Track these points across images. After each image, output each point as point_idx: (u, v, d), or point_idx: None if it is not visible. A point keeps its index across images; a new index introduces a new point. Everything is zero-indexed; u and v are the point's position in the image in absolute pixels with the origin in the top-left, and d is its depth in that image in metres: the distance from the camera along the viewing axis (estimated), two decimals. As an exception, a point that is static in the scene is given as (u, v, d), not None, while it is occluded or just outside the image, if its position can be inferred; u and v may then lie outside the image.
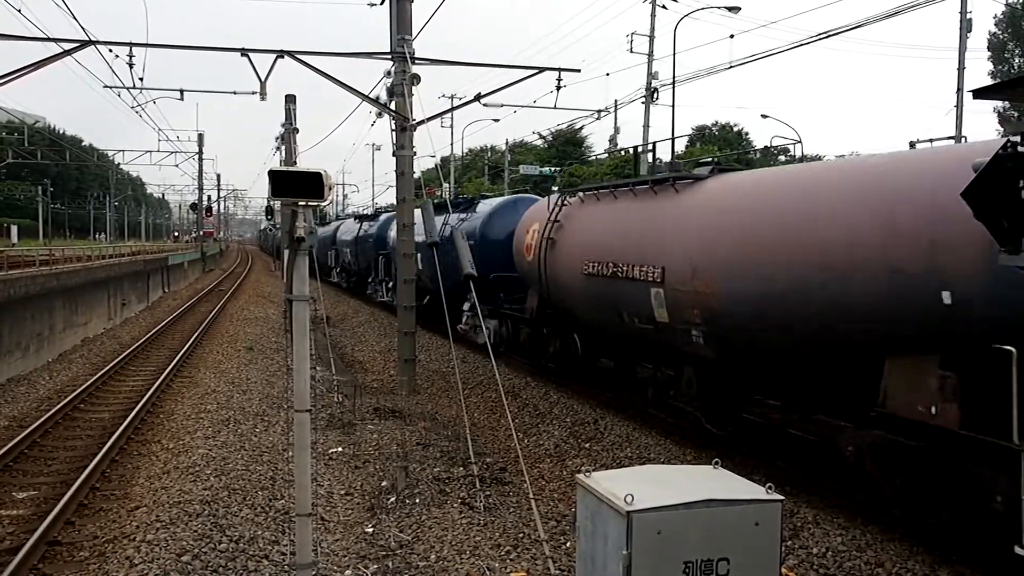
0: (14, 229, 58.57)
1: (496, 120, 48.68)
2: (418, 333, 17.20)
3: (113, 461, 11.06)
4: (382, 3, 15.95)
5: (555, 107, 20.67)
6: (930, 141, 9.09)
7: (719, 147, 59.82)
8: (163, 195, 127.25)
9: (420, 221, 17.32)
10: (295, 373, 5.69)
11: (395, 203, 17.94)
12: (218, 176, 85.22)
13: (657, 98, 33.60)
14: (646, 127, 33.87)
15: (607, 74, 79.21)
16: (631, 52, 34.23)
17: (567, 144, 64.68)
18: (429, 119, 16.71)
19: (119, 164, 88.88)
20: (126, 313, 30.48)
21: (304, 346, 5.61)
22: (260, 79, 14.95)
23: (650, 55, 33.90)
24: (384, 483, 9.94)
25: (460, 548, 7.93)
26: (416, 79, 15.51)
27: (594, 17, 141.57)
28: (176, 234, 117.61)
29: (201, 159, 60.76)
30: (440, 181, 33.28)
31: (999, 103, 40.62)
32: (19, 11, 18.84)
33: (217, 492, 9.33)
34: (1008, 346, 6.17)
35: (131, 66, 16.13)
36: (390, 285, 26.88)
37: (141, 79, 17.17)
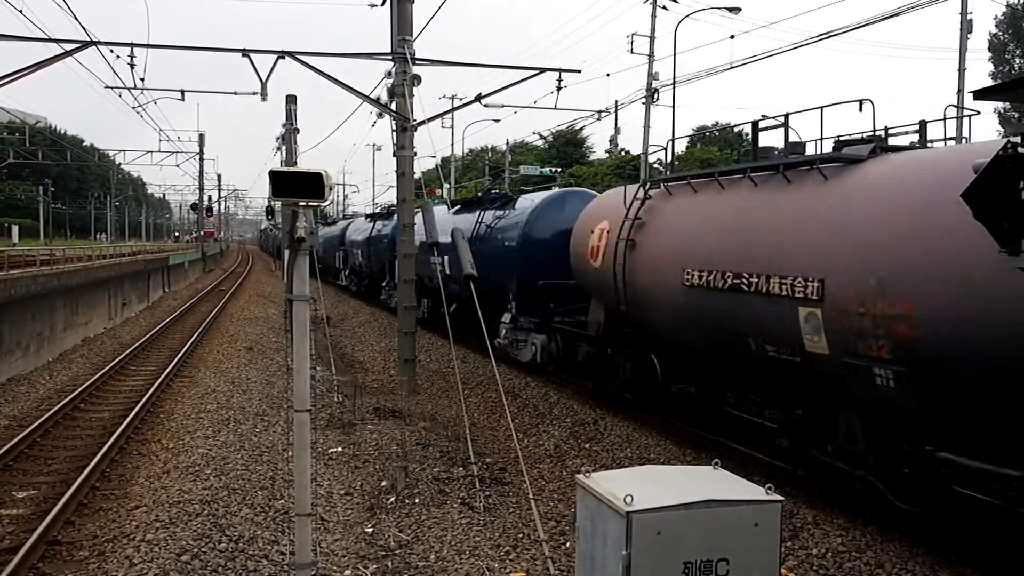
0: (15, 229, 58.60)
1: (497, 120, 48.61)
2: (418, 333, 17.19)
3: (113, 461, 11.07)
4: (383, 4, 15.97)
5: (556, 107, 20.66)
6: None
7: (719, 147, 59.85)
8: (164, 195, 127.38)
9: (449, 221, 15.89)
10: (295, 373, 5.69)
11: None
12: (219, 176, 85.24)
13: (658, 99, 33.64)
14: (646, 128, 33.89)
15: (607, 75, 79.21)
16: (632, 53, 34.28)
17: (568, 144, 64.72)
18: (430, 119, 16.74)
19: (120, 164, 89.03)
20: (126, 313, 30.49)
21: (304, 346, 5.61)
22: (261, 79, 14.97)
23: (650, 56, 33.93)
24: (384, 483, 9.94)
25: (460, 548, 7.93)
26: (417, 80, 15.52)
27: (595, 18, 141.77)
28: (177, 234, 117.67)
29: (202, 159, 60.83)
30: (441, 181, 33.30)
31: (1000, 104, 40.60)
32: (20, 11, 18.88)
33: (217, 492, 9.33)
34: None
35: (132, 66, 16.17)
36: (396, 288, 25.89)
37: (142, 79, 17.20)
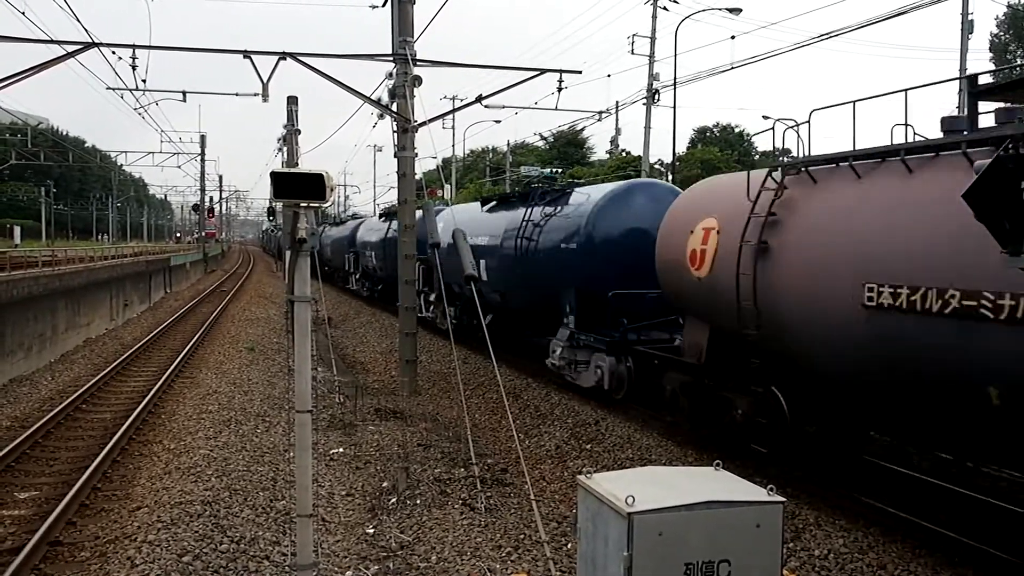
0: (17, 230, 58.66)
1: (498, 121, 48.66)
2: (419, 334, 17.19)
3: (115, 461, 11.07)
4: (384, 5, 15.98)
5: (556, 108, 20.73)
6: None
7: (720, 148, 59.85)
8: (165, 196, 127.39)
9: (482, 221, 14.30)
10: (296, 374, 5.70)
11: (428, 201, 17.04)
12: (220, 177, 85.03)
13: (658, 99, 33.61)
14: (647, 128, 33.90)
15: (608, 75, 79.07)
16: (632, 54, 34.25)
17: (568, 145, 64.77)
18: (431, 120, 16.76)
19: (122, 165, 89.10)
20: (128, 314, 30.51)
21: (305, 347, 5.61)
22: (262, 81, 14.99)
23: (651, 56, 33.92)
24: (385, 484, 9.94)
25: (461, 549, 7.93)
26: (418, 81, 15.53)
27: (596, 19, 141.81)
28: (178, 235, 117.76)
29: (203, 160, 60.91)
30: (442, 182, 33.29)
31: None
32: (22, 13, 18.92)
33: (218, 493, 9.33)
34: None
35: (134, 68, 16.21)
36: (432, 298, 22.21)
37: (144, 81, 17.24)
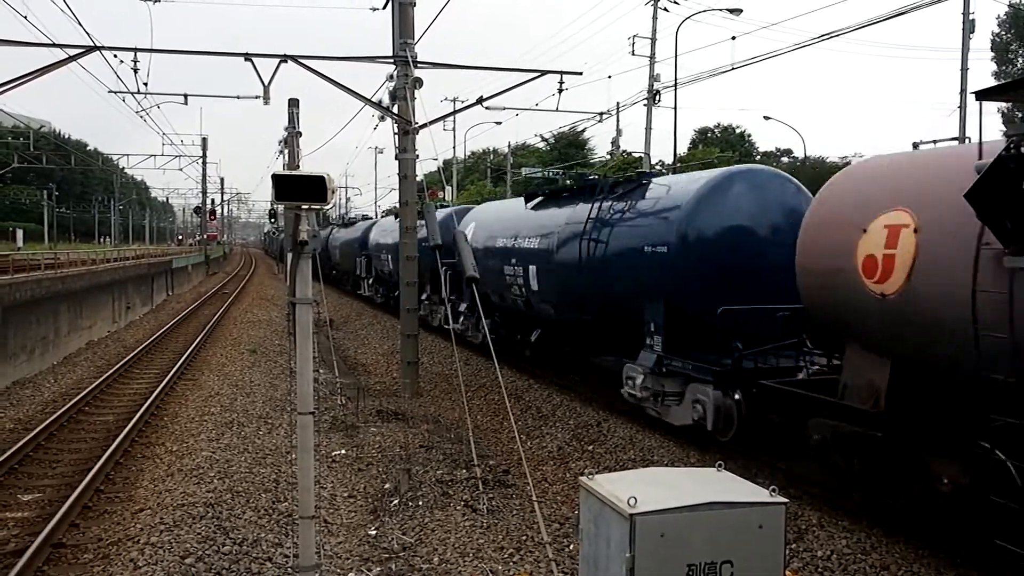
0: (19, 233, 58.74)
1: (498, 123, 48.62)
2: (420, 336, 17.19)
3: (117, 464, 11.08)
4: (384, 7, 15.99)
5: (557, 110, 20.80)
6: (934, 142, 9.05)
7: (721, 149, 59.82)
8: (167, 199, 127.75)
9: (526, 219, 11.92)
10: (298, 376, 5.70)
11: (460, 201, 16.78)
12: (222, 180, 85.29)
13: (659, 100, 33.63)
14: (648, 129, 33.92)
15: (609, 77, 79.28)
16: (633, 55, 34.28)
17: (569, 146, 64.73)
18: (431, 122, 16.77)
19: (123, 168, 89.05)
20: (130, 316, 30.53)
21: (307, 349, 5.62)
22: (264, 83, 15.03)
23: (652, 57, 33.94)
24: (387, 485, 9.94)
25: (463, 550, 7.93)
26: (418, 83, 15.55)
27: (596, 20, 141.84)
28: (180, 237, 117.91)
29: (205, 163, 61.05)
30: (443, 184, 33.32)
31: (1003, 104, 40.53)
32: (25, 17, 18.94)
33: (221, 495, 9.34)
34: None
35: (135, 71, 16.25)
36: (462, 308, 19.10)
37: (145, 84, 17.29)
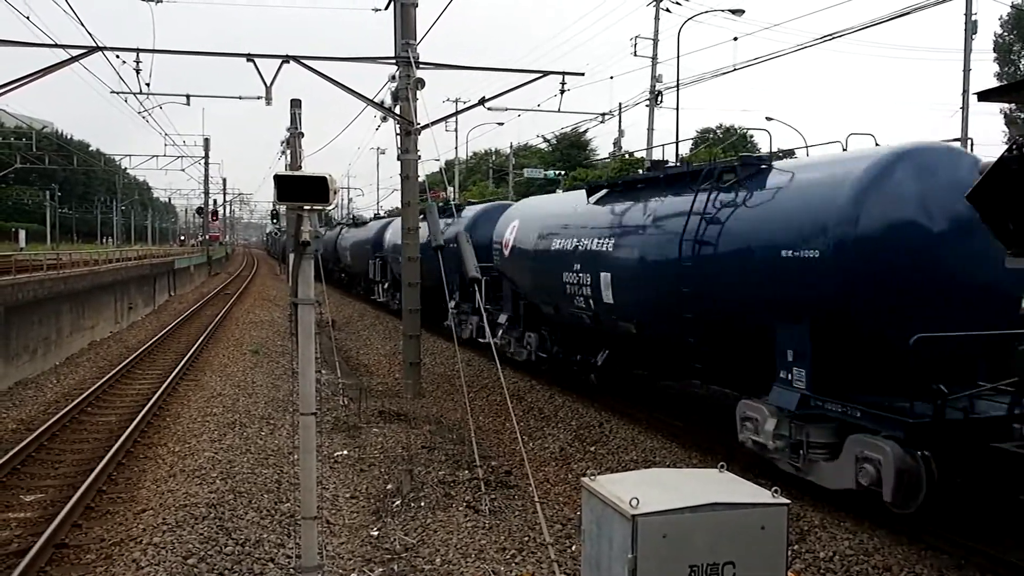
0: (22, 233, 58.87)
1: (501, 123, 48.57)
2: (423, 336, 17.20)
3: (120, 464, 11.09)
4: (386, 8, 16.00)
5: (559, 110, 20.77)
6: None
7: (723, 150, 59.74)
8: (169, 199, 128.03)
9: (588, 215, 9.86)
10: (301, 376, 5.71)
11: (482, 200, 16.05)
12: (224, 180, 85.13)
13: (661, 101, 33.63)
14: (650, 130, 33.91)
15: (611, 77, 78.88)
16: (635, 55, 34.29)
17: (571, 147, 64.69)
18: (434, 123, 16.76)
19: (126, 169, 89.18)
20: (133, 317, 30.57)
21: (309, 349, 5.62)
22: (266, 84, 15.04)
23: (654, 58, 33.94)
24: (389, 486, 9.95)
25: (465, 551, 7.93)
26: (420, 83, 15.56)
27: (598, 21, 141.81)
28: (182, 238, 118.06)
29: (207, 163, 61.13)
30: (445, 184, 33.33)
31: (1005, 105, 40.49)
32: (27, 18, 19.00)
33: (223, 495, 9.34)
34: None
35: (138, 72, 16.29)
36: (503, 319, 16.65)
37: (148, 84, 17.34)
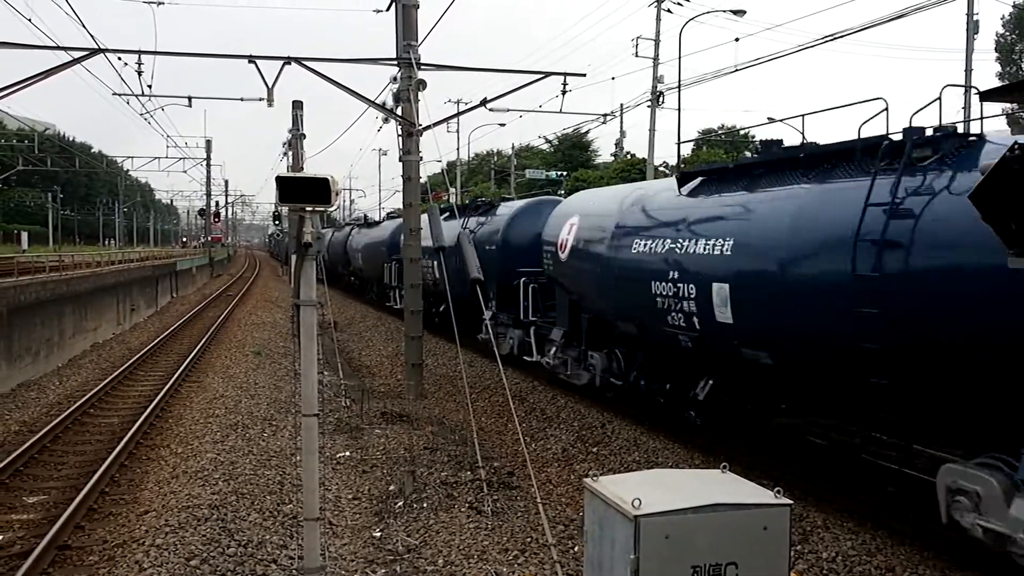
0: (24, 235, 58.92)
1: (502, 124, 48.47)
2: (425, 338, 17.20)
3: (122, 466, 11.10)
4: (388, 9, 16.02)
5: (561, 111, 20.71)
6: None
7: (725, 150, 59.76)
8: (171, 201, 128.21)
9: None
10: (303, 378, 5.71)
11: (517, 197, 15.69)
12: (226, 182, 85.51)
13: (663, 102, 33.66)
14: (652, 131, 33.90)
15: (613, 78, 78.97)
16: (636, 56, 34.30)
17: (573, 148, 64.73)
18: (435, 124, 16.78)
19: (128, 170, 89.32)
20: (135, 318, 30.60)
21: (312, 351, 5.62)
22: (267, 86, 15.05)
23: (655, 59, 33.94)
24: (392, 487, 9.95)
25: (468, 552, 7.93)
26: (422, 84, 15.58)
27: (600, 21, 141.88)
28: (184, 240, 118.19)
29: (209, 165, 61.17)
30: (447, 186, 33.38)
31: (1007, 105, 40.39)
32: (29, 20, 19.04)
33: (225, 496, 9.35)
34: None
35: (140, 73, 16.32)
36: (556, 335, 14.04)
37: (149, 86, 17.40)
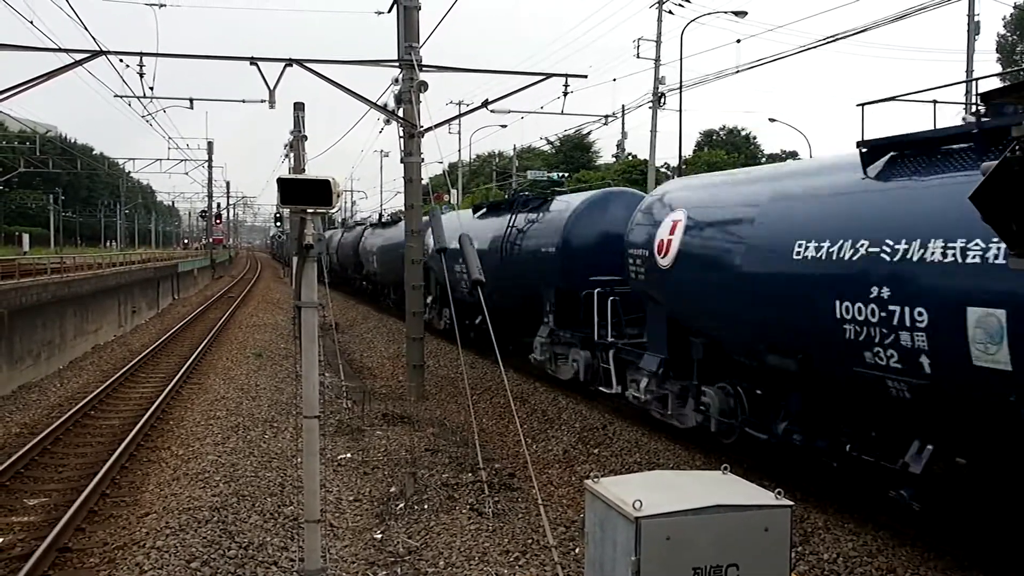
0: (26, 237, 58.95)
1: (504, 126, 48.54)
2: (426, 339, 17.19)
3: (123, 468, 11.10)
4: (389, 11, 16.03)
5: (562, 113, 20.65)
6: None
7: (726, 151, 59.79)
8: (173, 203, 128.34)
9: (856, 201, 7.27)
10: (304, 379, 5.71)
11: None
12: (227, 183, 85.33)
13: (664, 103, 33.68)
14: (653, 132, 33.90)
15: (614, 79, 78.92)
16: (638, 57, 34.32)
17: (575, 149, 64.83)
18: (437, 126, 16.79)
19: (129, 172, 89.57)
20: (136, 320, 30.62)
21: (313, 352, 5.62)
22: (269, 87, 15.07)
23: (657, 60, 33.94)
24: (393, 489, 9.94)
25: (469, 554, 7.92)
26: (423, 86, 15.59)
27: (601, 23, 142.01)
28: (186, 241, 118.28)
29: (210, 167, 61.18)
30: (448, 187, 33.40)
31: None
32: (31, 22, 19.07)
33: (226, 498, 9.35)
34: None
35: (141, 75, 16.35)
36: (655, 366, 11.22)
37: (151, 88, 17.43)
